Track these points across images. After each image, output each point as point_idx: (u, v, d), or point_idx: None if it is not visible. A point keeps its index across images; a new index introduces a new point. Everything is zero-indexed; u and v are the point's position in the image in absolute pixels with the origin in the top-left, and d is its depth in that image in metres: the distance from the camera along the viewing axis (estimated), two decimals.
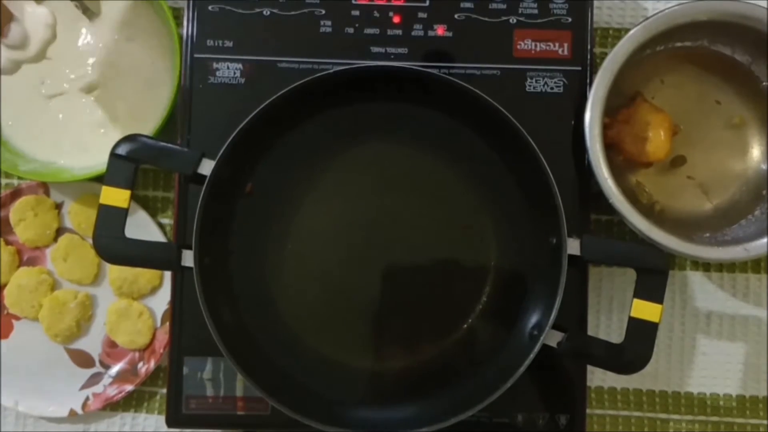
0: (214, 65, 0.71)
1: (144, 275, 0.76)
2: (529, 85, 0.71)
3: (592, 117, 0.66)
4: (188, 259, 0.63)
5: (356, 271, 0.68)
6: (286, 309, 0.68)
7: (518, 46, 0.71)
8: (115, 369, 0.77)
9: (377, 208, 0.69)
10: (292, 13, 0.71)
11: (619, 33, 0.77)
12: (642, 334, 0.61)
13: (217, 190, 0.64)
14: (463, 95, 0.65)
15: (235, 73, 0.71)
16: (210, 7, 0.71)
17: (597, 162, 0.66)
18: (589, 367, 0.71)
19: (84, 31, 0.78)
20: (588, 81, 0.70)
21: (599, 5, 0.76)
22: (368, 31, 0.71)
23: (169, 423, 0.70)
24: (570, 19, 0.71)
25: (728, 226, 0.72)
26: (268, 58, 0.71)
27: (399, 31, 0.71)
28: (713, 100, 0.74)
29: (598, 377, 0.76)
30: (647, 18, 0.67)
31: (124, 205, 0.62)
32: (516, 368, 0.62)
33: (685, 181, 0.74)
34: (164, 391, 0.75)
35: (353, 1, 0.71)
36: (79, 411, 0.75)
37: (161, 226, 0.76)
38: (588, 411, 0.72)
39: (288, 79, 0.66)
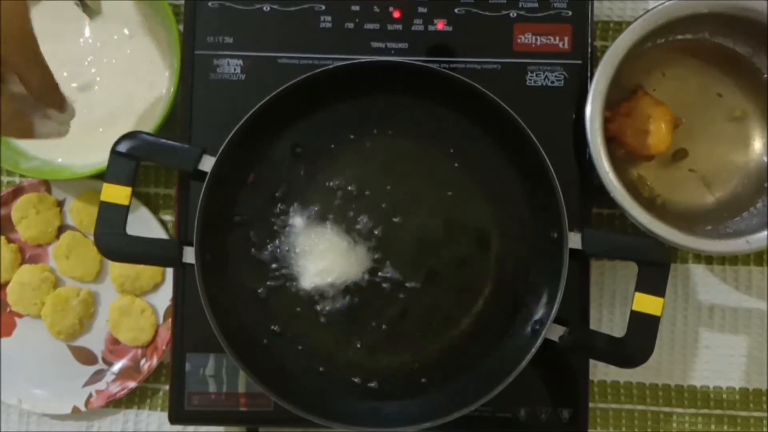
0: (215, 61, 0.71)
1: (146, 272, 0.76)
2: (530, 79, 0.70)
3: (593, 110, 0.66)
4: (189, 255, 0.63)
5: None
6: (287, 304, 0.68)
7: (518, 40, 0.71)
8: (117, 366, 0.77)
9: (378, 202, 0.69)
10: (292, 8, 0.71)
11: (619, 26, 0.77)
12: (644, 328, 0.61)
13: (218, 186, 0.64)
14: (464, 90, 0.65)
15: (235, 69, 0.71)
16: (210, 4, 0.71)
17: (598, 155, 0.66)
18: (592, 361, 0.71)
19: (84, 29, 0.78)
20: (589, 74, 0.70)
21: None
22: (368, 26, 0.71)
23: (172, 420, 0.70)
24: (570, 13, 0.71)
25: (730, 219, 0.72)
26: (269, 53, 0.71)
27: (399, 26, 0.71)
28: (715, 92, 0.74)
29: (600, 371, 0.76)
30: (648, 11, 0.66)
31: (125, 202, 0.62)
32: (518, 363, 0.62)
33: (686, 174, 0.74)
34: (167, 387, 0.75)
35: None
36: (82, 408, 0.75)
37: (163, 222, 0.77)
38: (591, 405, 0.71)
39: (288, 74, 0.66)
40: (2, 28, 0.54)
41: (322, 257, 0.68)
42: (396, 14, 0.71)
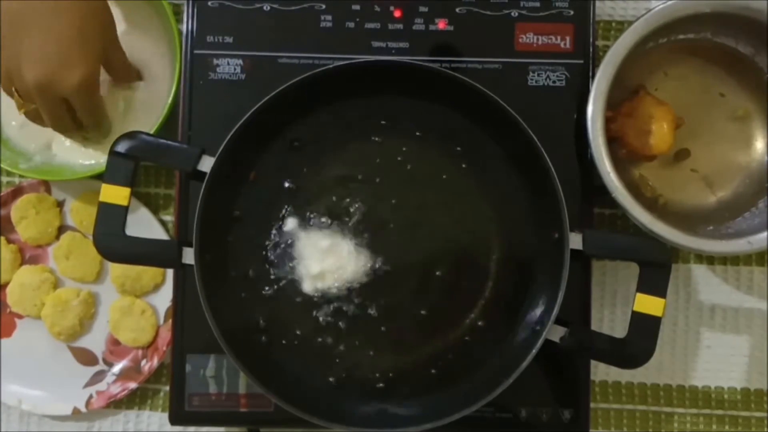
0: (215, 61, 0.71)
1: (146, 272, 0.76)
2: (531, 79, 0.70)
3: (594, 110, 0.66)
4: (189, 256, 0.63)
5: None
6: (287, 305, 0.68)
7: (520, 40, 0.71)
8: (118, 367, 0.77)
9: (380, 201, 0.69)
10: (293, 8, 0.71)
11: (621, 26, 0.76)
12: (645, 329, 0.61)
13: (217, 187, 0.64)
14: (465, 90, 0.65)
15: (235, 68, 0.71)
16: (210, 3, 0.71)
17: (599, 156, 0.66)
18: (593, 361, 0.71)
19: None
20: (590, 74, 0.70)
21: None
22: (369, 25, 0.71)
23: (173, 420, 0.70)
24: (572, 12, 0.70)
25: (732, 219, 0.72)
26: (269, 53, 0.71)
27: (400, 26, 0.71)
28: (717, 92, 0.74)
29: (602, 371, 0.76)
30: (650, 10, 0.66)
31: (124, 202, 0.62)
32: (519, 363, 0.62)
33: (688, 174, 0.74)
34: (167, 388, 0.75)
35: None
36: (83, 409, 0.75)
37: (163, 223, 0.76)
38: (592, 405, 0.71)
39: (288, 74, 0.66)
40: (88, 22, 0.67)
41: (323, 258, 0.68)
42: (397, 13, 0.71)
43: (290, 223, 0.68)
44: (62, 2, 0.66)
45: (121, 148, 0.62)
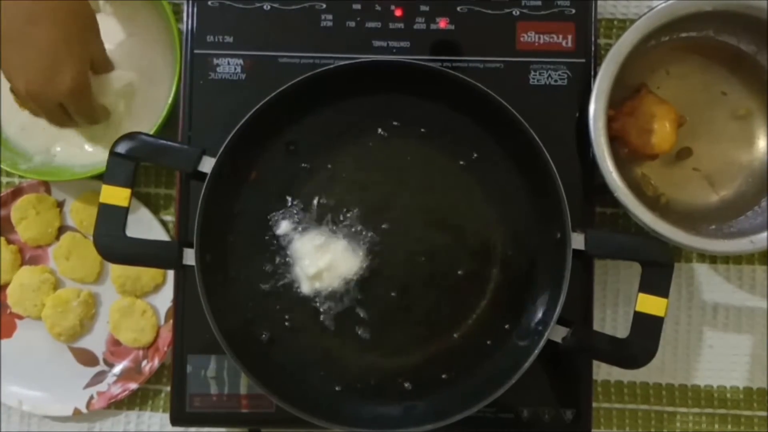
0: (215, 61, 0.70)
1: (147, 273, 0.76)
2: (533, 78, 0.70)
3: (596, 109, 0.66)
4: (189, 257, 0.62)
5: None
6: (287, 305, 0.68)
7: (521, 39, 0.70)
8: (119, 367, 0.77)
9: (381, 201, 0.69)
10: (293, 7, 0.71)
11: (623, 24, 0.76)
12: (647, 329, 0.61)
13: (218, 188, 0.63)
14: (466, 89, 0.65)
15: (235, 68, 0.70)
16: (210, 3, 0.71)
17: (601, 155, 0.66)
18: (596, 361, 0.71)
19: None
20: (592, 73, 0.70)
21: None
22: (370, 24, 0.71)
23: (174, 421, 0.70)
24: (573, 11, 0.70)
25: (734, 218, 0.72)
26: (269, 53, 0.70)
27: (401, 25, 0.71)
28: (719, 90, 0.73)
29: (604, 371, 0.75)
30: (652, 9, 0.66)
31: (125, 203, 0.61)
32: (521, 364, 0.62)
33: (690, 172, 0.74)
34: (168, 389, 0.75)
35: None
36: (84, 410, 0.75)
37: (164, 223, 0.76)
38: (594, 405, 0.71)
39: (289, 74, 0.65)
40: (70, 27, 0.66)
41: (323, 258, 0.68)
42: (398, 13, 0.71)
43: (290, 224, 0.68)
44: (40, 12, 0.65)
45: (121, 148, 0.62)
